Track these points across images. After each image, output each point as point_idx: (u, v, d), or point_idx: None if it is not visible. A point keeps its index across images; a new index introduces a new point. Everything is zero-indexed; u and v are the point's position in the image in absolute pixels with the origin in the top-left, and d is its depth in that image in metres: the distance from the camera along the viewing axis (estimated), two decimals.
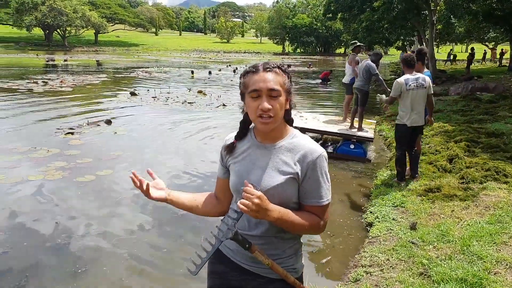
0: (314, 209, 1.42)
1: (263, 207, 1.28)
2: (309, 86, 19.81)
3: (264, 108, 1.32)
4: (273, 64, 1.39)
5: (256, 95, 1.34)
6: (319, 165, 1.39)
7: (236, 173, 1.46)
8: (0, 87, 14.78)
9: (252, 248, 1.36)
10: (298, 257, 1.53)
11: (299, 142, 1.43)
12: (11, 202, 4.64)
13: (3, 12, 58.72)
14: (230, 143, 1.51)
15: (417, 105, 4.80)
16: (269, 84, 1.34)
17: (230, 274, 1.52)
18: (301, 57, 60.63)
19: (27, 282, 3.16)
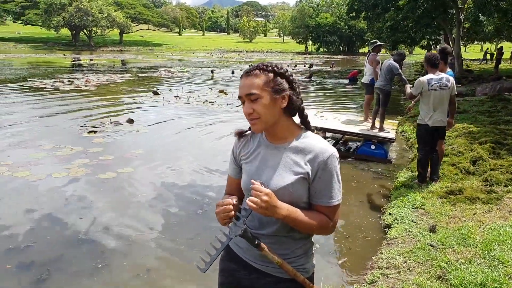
0: (324, 209, 1.41)
1: (271, 204, 1.28)
2: (332, 86, 19.65)
3: (245, 113, 1.39)
4: (254, 67, 1.41)
5: (241, 101, 1.42)
6: (330, 165, 1.38)
7: (248, 173, 1.47)
8: (29, 86, 15.28)
9: (261, 246, 1.36)
10: (309, 257, 1.52)
11: (310, 142, 1.42)
12: (36, 198, 4.79)
13: (33, 13, 60.51)
14: (243, 130, 1.55)
15: (439, 105, 4.71)
16: (245, 89, 1.38)
17: (240, 272, 1.52)
18: (324, 56, 60.20)
19: (49, 275, 3.25)
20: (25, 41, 60.63)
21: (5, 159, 6.04)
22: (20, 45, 57.01)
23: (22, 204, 4.59)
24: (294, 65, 34.34)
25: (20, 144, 6.99)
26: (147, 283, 3.21)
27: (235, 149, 1.55)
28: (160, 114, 10.34)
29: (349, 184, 5.61)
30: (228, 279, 1.57)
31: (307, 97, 15.44)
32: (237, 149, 1.54)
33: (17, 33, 67.70)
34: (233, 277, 1.54)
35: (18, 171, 5.55)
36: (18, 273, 3.27)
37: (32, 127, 8.37)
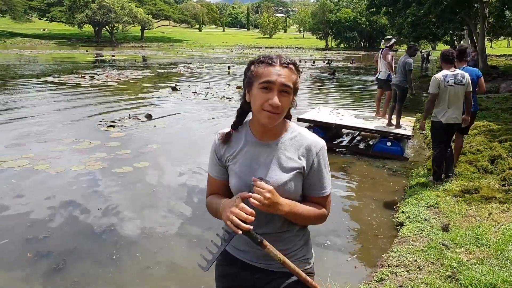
0: (318, 199, 1.43)
1: (274, 201, 1.28)
2: (352, 82, 19.45)
3: (274, 104, 1.28)
4: (289, 60, 1.35)
5: (268, 87, 1.30)
6: (322, 157, 1.41)
7: (238, 174, 1.41)
8: (52, 81, 15.66)
9: (263, 243, 1.35)
10: (309, 247, 1.54)
11: (301, 135, 1.42)
12: (54, 190, 4.92)
13: (57, 10, 61.91)
14: (227, 132, 1.47)
15: (454, 102, 4.65)
16: (285, 79, 1.30)
17: (241, 275, 1.50)
18: (344, 52, 59.61)
19: (65, 265, 3.35)
20: (50, 38, 62.16)
21: (27, 152, 6.23)
22: (45, 41, 58.49)
23: (40, 196, 4.73)
24: (313, 61, 34.03)
25: (41, 138, 7.19)
26: (157, 276, 3.27)
27: (218, 149, 1.48)
28: (177, 110, 10.45)
29: (363, 181, 5.56)
30: (229, 283, 1.54)
31: (327, 93, 15.35)
32: (221, 150, 1.47)
33: (42, 30, 69.38)
34: (235, 280, 1.52)
35: (38, 164, 5.72)
36: (35, 262, 3.38)
37: (53, 121, 8.59)
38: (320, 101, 12.44)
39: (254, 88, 1.34)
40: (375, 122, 7.40)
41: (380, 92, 8.08)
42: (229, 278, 1.54)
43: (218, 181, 1.50)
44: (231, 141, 1.47)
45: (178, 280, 3.25)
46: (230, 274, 1.53)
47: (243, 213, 1.26)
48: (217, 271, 1.59)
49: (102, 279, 3.19)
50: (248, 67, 1.39)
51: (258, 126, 1.41)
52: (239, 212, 1.27)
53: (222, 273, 1.57)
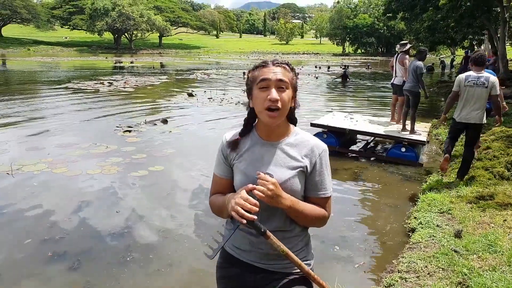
0: (320, 201, 1.47)
1: (277, 193, 1.33)
2: (367, 88, 19.33)
3: (272, 98, 1.34)
4: (282, 61, 1.44)
5: (265, 85, 1.37)
6: (324, 159, 1.47)
7: (243, 172, 1.47)
8: (71, 87, 16.04)
9: (267, 234, 1.38)
10: (309, 249, 1.58)
11: (304, 138, 1.49)
12: (71, 193, 5.05)
13: (79, 18, 63.36)
14: (235, 139, 1.52)
15: (470, 102, 4.87)
16: (278, 75, 1.38)
17: (244, 276, 1.53)
18: (361, 58, 59.26)
19: (79, 266, 3.43)
20: (71, 45, 63.66)
21: (46, 157, 6.40)
22: (66, 49, 59.92)
23: (59, 198, 4.85)
24: (327, 67, 33.90)
25: (59, 142, 7.38)
26: (167, 278, 3.32)
27: (225, 149, 1.54)
28: (193, 115, 10.57)
29: (376, 187, 5.53)
30: (232, 284, 1.56)
31: (342, 99, 15.29)
32: (227, 150, 1.53)
33: (64, 38, 71.09)
34: (237, 281, 1.55)
35: (56, 168, 5.87)
36: (51, 262, 3.47)
37: (72, 126, 8.81)
38: (335, 107, 12.40)
39: (254, 91, 1.41)
40: (389, 128, 7.35)
41: (395, 98, 8.02)
42: (231, 279, 1.57)
43: (223, 180, 1.56)
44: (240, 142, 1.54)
45: (189, 283, 3.29)
46: (231, 275, 1.56)
47: (247, 203, 1.31)
48: (218, 273, 1.62)
49: (114, 279, 3.25)
50: (247, 76, 1.48)
51: (263, 128, 1.48)
52: (244, 202, 1.31)
53: (223, 274, 1.59)
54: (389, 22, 56.03)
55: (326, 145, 1.50)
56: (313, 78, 23.88)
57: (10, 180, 5.38)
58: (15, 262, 3.48)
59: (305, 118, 10.04)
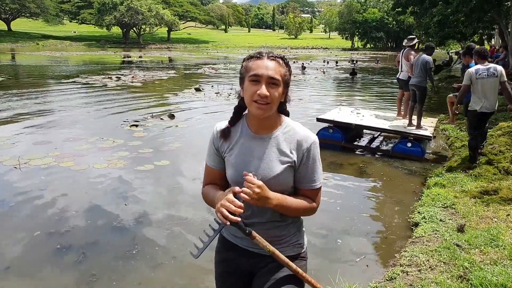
0: (308, 192, 1.50)
1: (263, 196, 1.36)
2: (375, 83, 19.21)
3: (261, 94, 1.36)
4: (277, 54, 1.44)
5: (256, 79, 1.38)
6: (312, 152, 1.47)
7: (234, 165, 1.50)
8: (79, 81, 16.17)
9: (252, 235, 1.43)
10: (302, 233, 1.62)
11: (294, 130, 1.49)
12: (77, 187, 5.12)
13: (87, 12, 63.66)
14: (225, 127, 1.55)
15: (488, 93, 5.18)
16: (270, 72, 1.38)
17: (238, 260, 1.61)
18: (370, 53, 58.82)
19: (84, 259, 3.48)
20: (80, 40, 63.96)
21: (53, 151, 6.48)
22: (75, 43, 60.23)
23: (64, 192, 4.92)
24: (336, 62, 33.68)
25: (66, 136, 7.47)
26: (170, 271, 3.36)
27: (216, 141, 1.56)
28: (200, 110, 10.62)
29: (381, 181, 5.53)
30: (228, 268, 1.64)
31: (349, 94, 15.22)
32: (219, 141, 1.55)
33: (73, 32, 71.45)
34: (233, 265, 1.62)
35: (63, 162, 5.95)
36: (57, 255, 3.53)
37: (79, 121, 8.90)
38: (342, 102, 12.36)
39: (246, 82, 1.42)
40: (395, 123, 7.32)
41: (401, 93, 7.98)
42: (227, 263, 1.64)
43: (216, 171, 1.60)
44: (230, 134, 1.55)
45: (194, 276, 3.31)
46: (228, 259, 1.64)
47: (232, 205, 1.35)
48: (216, 257, 1.69)
49: (119, 272, 3.28)
50: (241, 65, 1.48)
51: (253, 120, 1.49)
52: (229, 205, 1.35)
53: (220, 258, 1.67)
54: (398, 17, 55.42)
55: (316, 137, 1.51)
56: (320, 72, 23.77)
57: (18, 174, 5.46)
58: (24, 254, 3.54)
59: (312, 112, 10.04)
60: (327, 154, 6.53)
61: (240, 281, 1.63)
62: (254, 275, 1.59)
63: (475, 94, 5.25)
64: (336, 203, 4.73)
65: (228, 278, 1.65)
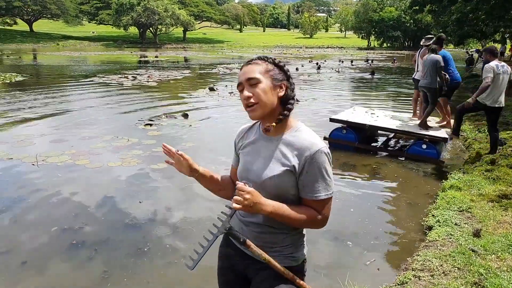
0: (311, 203, 1.44)
1: (254, 201, 1.34)
2: (391, 83, 18.96)
3: (243, 97, 1.42)
4: (255, 57, 1.50)
5: (240, 88, 1.46)
6: (316, 160, 1.40)
7: (243, 163, 1.57)
8: (96, 81, 16.40)
9: (246, 243, 1.41)
10: (299, 247, 1.56)
11: (301, 135, 1.45)
12: (91, 185, 5.19)
13: (105, 13, 64.66)
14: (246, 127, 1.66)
15: (501, 88, 5.52)
16: (247, 74, 1.44)
17: (235, 257, 1.62)
18: (387, 52, 58.12)
19: (96, 255, 3.52)
20: (98, 40, 64.98)
21: (69, 149, 6.59)
22: (93, 43, 61.22)
23: (79, 189, 4.99)
24: (351, 61, 33.37)
25: (82, 134, 7.58)
26: (180, 270, 3.36)
27: (236, 140, 1.66)
28: (213, 109, 10.65)
29: (395, 183, 5.45)
30: (226, 263, 1.67)
31: (364, 93, 15.06)
32: (238, 140, 1.65)
33: (91, 32, 72.63)
34: (230, 261, 1.65)
35: (79, 159, 6.04)
36: (71, 251, 3.58)
37: (95, 119, 9.03)
38: (356, 102, 12.23)
39: None
40: (410, 124, 7.19)
41: (417, 93, 7.84)
42: (226, 259, 1.67)
43: (233, 169, 1.71)
44: (247, 133, 1.63)
45: (204, 275, 3.31)
46: (227, 254, 1.66)
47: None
48: (219, 251, 1.72)
49: (131, 270, 3.30)
50: None
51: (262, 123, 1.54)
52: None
53: (221, 253, 1.70)
54: (416, 16, 54.64)
55: (324, 145, 1.44)
56: (335, 72, 23.58)
57: (35, 171, 5.57)
58: (40, 249, 3.60)
59: (326, 112, 9.97)
60: (340, 155, 6.47)
61: (237, 278, 1.64)
62: (248, 278, 1.60)
63: (493, 89, 5.47)
64: (348, 205, 4.68)
65: (226, 273, 1.67)
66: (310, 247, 3.56)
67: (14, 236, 3.83)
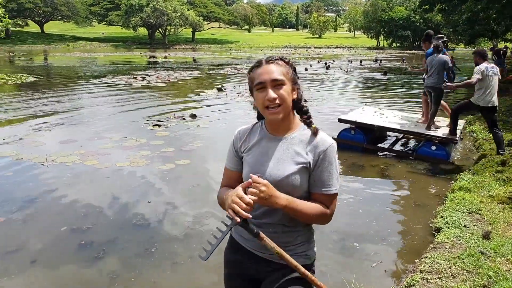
0: (322, 197, 1.46)
1: (269, 194, 1.34)
2: (401, 83, 18.82)
3: (269, 98, 1.39)
4: (275, 57, 1.47)
5: (262, 87, 1.42)
6: (329, 155, 1.45)
7: (250, 165, 1.52)
8: (106, 82, 16.54)
9: (260, 236, 1.40)
10: (310, 244, 1.58)
11: (310, 133, 1.48)
12: (99, 185, 5.24)
13: (115, 14, 65.18)
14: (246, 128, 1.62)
15: (494, 88, 5.76)
16: (272, 75, 1.41)
17: (245, 263, 1.59)
18: (396, 52, 57.69)
19: (104, 255, 3.55)
20: (108, 41, 65.51)
21: (78, 149, 6.65)
22: (103, 44, 61.73)
23: (87, 189, 5.04)
24: (360, 61, 33.21)
25: (91, 135, 7.66)
26: (187, 270, 3.37)
27: (236, 143, 1.60)
28: (221, 110, 10.67)
29: (403, 184, 5.41)
30: (234, 270, 1.64)
31: (374, 94, 14.97)
32: (238, 143, 1.59)
33: (101, 33, 73.26)
34: (239, 267, 1.62)
35: (87, 160, 6.09)
36: (80, 250, 3.61)
37: (104, 120, 9.11)
38: (365, 102, 12.16)
39: (254, 92, 1.46)
40: (420, 125, 7.12)
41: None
42: (234, 265, 1.64)
43: (233, 172, 1.62)
44: (249, 135, 1.59)
45: (212, 275, 3.31)
46: (234, 261, 1.63)
47: (242, 202, 1.34)
48: (225, 257, 1.69)
49: (138, 270, 3.32)
50: (247, 76, 1.52)
51: (270, 122, 1.52)
52: (239, 201, 1.34)
53: (228, 259, 1.67)
54: (426, 15, 54.16)
55: (334, 141, 1.48)
56: (343, 72, 23.48)
57: (45, 171, 5.63)
58: (49, 249, 3.64)
59: (334, 112, 9.93)
60: (349, 155, 6.43)
61: (246, 284, 1.62)
62: (259, 281, 1.58)
63: (482, 89, 5.77)
64: (356, 205, 4.65)
65: (235, 280, 1.65)
66: (317, 247, 3.56)
67: (23, 235, 3.88)
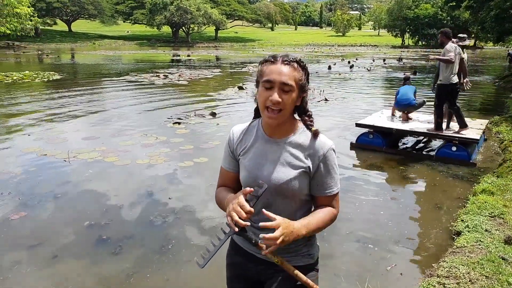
0: (326, 199, 1.45)
1: (287, 234, 1.29)
2: (424, 83, 18.42)
3: (273, 100, 1.32)
4: (292, 58, 1.38)
5: (269, 85, 1.34)
6: (329, 158, 1.43)
7: (247, 168, 1.48)
8: (129, 79, 16.84)
9: (259, 245, 1.38)
10: (313, 243, 1.56)
11: (309, 136, 1.44)
12: (119, 181, 5.33)
13: (140, 13, 66.17)
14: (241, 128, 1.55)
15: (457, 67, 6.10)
16: (284, 77, 1.33)
17: (247, 265, 1.57)
18: (422, 50, 56.43)
19: (120, 251, 3.60)
20: (132, 39, 66.61)
21: (100, 146, 6.79)
22: (128, 42, 62.81)
23: (107, 185, 5.13)
24: (383, 60, 32.67)
25: (113, 132, 7.80)
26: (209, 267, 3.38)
27: (232, 143, 1.55)
28: (241, 108, 10.68)
29: (423, 186, 5.30)
30: (236, 272, 1.63)
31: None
32: (234, 144, 1.54)
33: (126, 32, 74.55)
34: (241, 269, 1.60)
35: (108, 156, 6.21)
36: (95, 246, 3.68)
37: (125, 117, 9.27)
38: (386, 104, 11.96)
39: (259, 87, 1.40)
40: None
41: None
42: (236, 267, 1.62)
43: (230, 173, 1.58)
44: (244, 135, 1.53)
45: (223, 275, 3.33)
46: (236, 263, 1.62)
47: (242, 211, 1.31)
48: (227, 260, 1.68)
49: (155, 266, 3.35)
50: (258, 67, 1.44)
51: (266, 125, 1.47)
52: (239, 210, 1.32)
53: (230, 261, 1.66)
54: (453, 12, 52.76)
55: (332, 143, 1.45)
56: (366, 71, 23.14)
57: (67, 167, 5.78)
58: (69, 244, 3.71)
59: (355, 113, 9.81)
60: (368, 156, 6.35)
61: (248, 286, 1.61)
62: (261, 283, 1.56)
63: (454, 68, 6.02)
64: (373, 207, 4.58)
65: (237, 282, 1.64)
66: (330, 249, 3.52)
67: (46, 230, 3.98)
